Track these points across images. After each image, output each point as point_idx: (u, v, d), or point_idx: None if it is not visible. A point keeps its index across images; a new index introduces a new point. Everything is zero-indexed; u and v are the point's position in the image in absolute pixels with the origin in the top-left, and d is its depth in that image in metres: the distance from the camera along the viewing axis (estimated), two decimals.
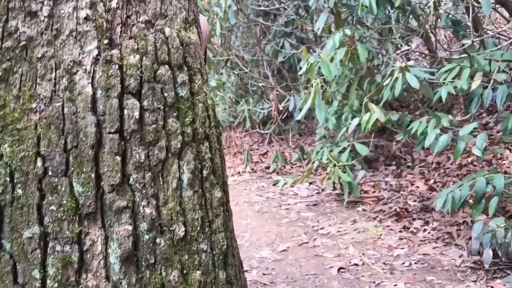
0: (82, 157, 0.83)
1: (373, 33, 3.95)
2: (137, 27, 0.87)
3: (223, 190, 1.06)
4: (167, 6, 0.93)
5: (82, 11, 0.83)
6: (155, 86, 0.89)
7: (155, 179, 0.89)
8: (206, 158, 0.99)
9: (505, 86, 2.80)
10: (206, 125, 0.99)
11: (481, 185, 2.58)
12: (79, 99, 0.83)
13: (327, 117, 4.10)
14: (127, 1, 0.87)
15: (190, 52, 0.96)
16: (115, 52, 0.85)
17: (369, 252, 2.88)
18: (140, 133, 0.87)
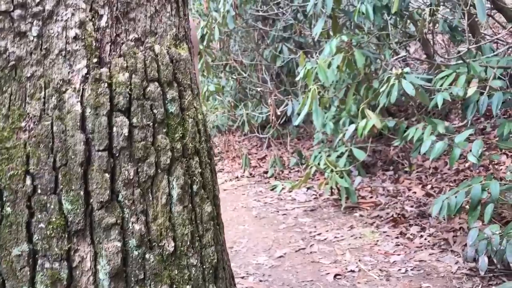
0: (71, 174, 0.84)
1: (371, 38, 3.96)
2: (127, 45, 0.88)
3: (214, 204, 1.07)
4: (157, 24, 0.94)
5: (71, 30, 0.84)
6: (144, 103, 0.90)
7: (144, 195, 0.90)
8: (196, 173, 0.99)
9: (501, 92, 2.81)
10: (196, 140, 1.00)
11: (476, 192, 2.59)
12: (68, 118, 0.84)
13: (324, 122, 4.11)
14: (116, 19, 0.88)
15: (180, 69, 0.97)
16: (104, 71, 0.86)
17: (366, 259, 2.88)
18: (129, 149, 0.88)
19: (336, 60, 3.47)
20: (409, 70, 2.94)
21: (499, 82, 2.86)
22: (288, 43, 5.56)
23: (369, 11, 3.29)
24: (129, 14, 0.90)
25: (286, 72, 5.80)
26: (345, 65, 3.52)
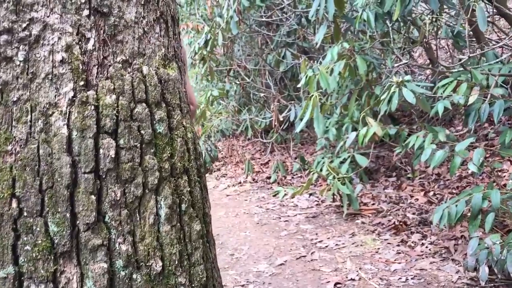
0: (57, 197, 0.84)
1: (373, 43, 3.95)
2: (114, 68, 0.89)
3: (204, 221, 1.07)
4: (145, 45, 0.95)
5: (58, 54, 0.85)
6: (131, 125, 0.90)
7: (131, 216, 0.91)
8: (185, 192, 1.00)
9: (502, 101, 2.80)
10: (185, 159, 1.01)
11: (477, 201, 2.58)
12: (54, 141, 0.84)
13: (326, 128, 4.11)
14: (103, 42, 0.88)
15: (169, 89, 0.98)
16: (91, 93, 0.87)
17: (366, 267, 2.88)
18: (116, 171, 0.89)
19: (337, 67, 3.47)
20: (410, 78, 2.94)
21: (500, 90, 2.85)
22: (291, 48, 5.56)
23: (371, 18, 3.29)
24: (116, 36, 0.91)
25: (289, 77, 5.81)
26: (347, 71, 3.52)
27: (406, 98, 2.83)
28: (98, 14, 0.88)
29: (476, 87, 2.90)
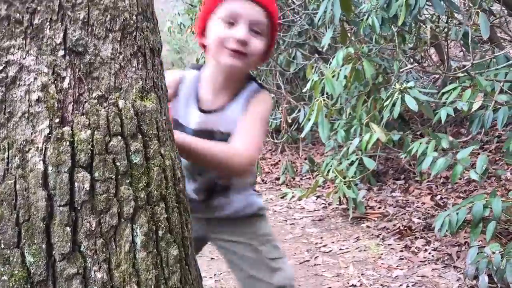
0: (34, 229, 0.89)
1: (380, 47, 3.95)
2: (90, 103, 0.93)
3: (183, 245, 1.11)
4: (121, 79, 0.99)
5: (34, 93, 0.89)
6: (106, 158, 0.94)
7: (107, 244, 0.95)
8: (161, 218, 1.04)
9: (506, 108, 2.78)
10: (162, 186, 1.04)
11: (478, 209, 2.58)
12: (30, 176, 0.89)
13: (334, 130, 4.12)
14: (79, 80, 0.93)
15: (146, 120, 1.02)
16: (66, 129, 0.91)
17: (368, 273, 2.90)
18: (91, 202, 0.93)
19: (343, 72, 3.48)
20: (413, 84, 2.94)
21: (505, 97, 2.84)
22: (302, 48, 5.56)
23: (375, 23, 3.29)
24: (92, 73, 0.95)
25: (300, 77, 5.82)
26: (353, 76, 3.53)
27: (408, 105, 2.83)
28: (73, 54, 0.93)
29: (480, 93, 2.88)
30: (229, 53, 1.36)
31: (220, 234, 1.65)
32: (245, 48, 1.35)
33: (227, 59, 1.37)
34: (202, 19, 1.46)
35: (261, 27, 1.39)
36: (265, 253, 1.57)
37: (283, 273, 1.56)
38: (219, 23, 1.38)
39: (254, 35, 1.37)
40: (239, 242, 1.61)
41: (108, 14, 0.97)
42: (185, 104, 1.48)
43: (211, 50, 1.42)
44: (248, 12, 1.36)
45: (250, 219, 1.62)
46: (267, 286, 1.54)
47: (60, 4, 0.91)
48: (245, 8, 1.36)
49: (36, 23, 0.90)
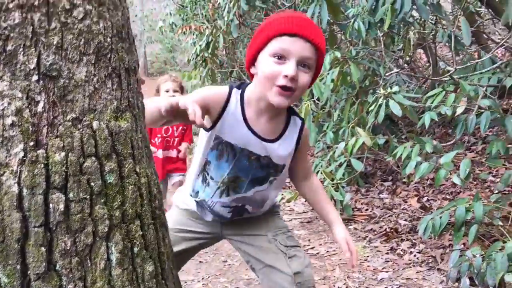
0: (8, 250, 0.92)
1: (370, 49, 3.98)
2: (64, 126, 0.96)
3: (159, 260, 1.14)
4: (96, 101, 1.01)
5: (8, 118, 0.92)
6: (80, 178, 0.97)
7: (82, 263, 0.97)
8: (137, 236, 1.06)
9: (488, 112, 2.83)
10: (137, 204, 1.07)
11: (460, 213, 2.63)
12: (5, 198, 0.91)
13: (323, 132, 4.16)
14: (53, 103, 0.95)
15: (120, 140, 1.04)
16: (40, 152, 0.93)
17: (354, 275, 2.94)
18: (66, 222, 0.95)
19: (330, 75, 3.51)
20: (397, 89, 2.97)
21: (487, 102, 2.88)
22: None
23: (361, 28, 3.32)
24: (66, 96, 0.97)
25: None
26: (340, 80, 3.56)
27: (392, 110, 2.87)
28: (47, 78, 0.95)
29: (463, 98, 2.93)
30: (278, 91, 1.40)
31: (236, 231, 1.71)
32: (294, 84, 1.39)
33: (275, 97, 1.41)
34: (252, 52, 1.49)
35: (310, 62, 1.42)
36: (281, 241, 1.63)
37: (299, 259, 1.61)
38: (270, 59, 1.42)
39: (302, 69, 1.41)
40: (255, 235, 1.68)
41: (82, 38, 1.00)
42: (233, 122, 1.51)
43: (261, 83, 1.46)
44: (297, 49, 1.39)
45: (265, 216, 1.71)
46: (284, 273, 1.58)
47: (34, 30, 0.93)
48: (295, 45, 1.39)
49: (10, 49, 0.92)
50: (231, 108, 1.51)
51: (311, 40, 1.40)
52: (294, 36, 1.39)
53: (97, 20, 1.02)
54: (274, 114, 1.53)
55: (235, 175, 1.56)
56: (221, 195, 1.59)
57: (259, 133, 1.53)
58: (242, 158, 1.54)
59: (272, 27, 1.43)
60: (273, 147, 1.55)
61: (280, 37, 1.40)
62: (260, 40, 1.45)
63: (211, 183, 1.59)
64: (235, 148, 1.52)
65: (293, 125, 1.59)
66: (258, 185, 1.59)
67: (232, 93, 1.53)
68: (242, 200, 1.61)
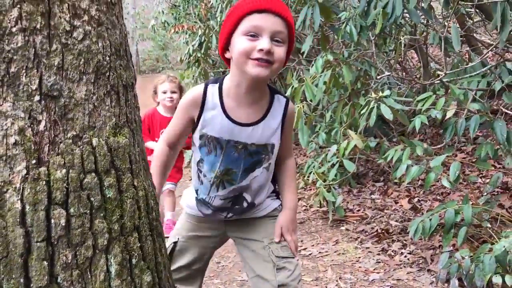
0: (12, 264, 0.95)
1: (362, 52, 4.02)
2: (65, 144, 0.99)
3: (156, 271, 1.17)
4: (95, 118, 1.04)
5: (11, 137, 0.95)
6: (81, 194, 1.00)
7: (83, 275, 1.01)
8: (135, 248, 1.10)
9: (477, 116, 2.88)
10: (135, 217, 1.11)
11: (450, 215, 2.68)
12: (8, 215, 0.95)
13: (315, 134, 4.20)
14: (54, 122, 0.98)
15: (119, 155, 1.08)
16: (42, 169, 0.97)
17: (346, 276, 2.98)
18: (67, 237, 0.99)
19: (322, 78, 3.55)
20: (388, 93, 3.02)
21: (477, 105, 2.93)
22: None
23: (353, 32, 3.36)
24: (67, 115, 1.00)
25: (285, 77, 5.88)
26: (332, 82, 3.60)
27: (383, 114, 2.91)
28: (48, 98, 0.98)
29: (453, 102, 2.98)
30: (255, 63, 1.44)
31: (236, 232, 1.76)
32: (270, 57, 1.44)
33: (253, 69, 1.45)
34: (224, 36, 1.53)
35: (282, 36, 1.48)
36: (273, 251, 1.65)
37: (287, 272, 1.63)
38: (243, 38, 1.46)
39: (276, 44, 1.46)
40: (251, 239, 1.71)
41: (82, 57, 1.03)
42: (213, 116, 1.57)
43: (237, 62, 1.50)
44: (269, 24, 1.45)
45: (264, 219, 1.73)
46: (269, 282, 1.61)
47: (35, 52, 0.97)
48: (266, 21, 1.45)
49: (13, 71, 0.96)
50: (208, 103, 1.56)
51: (281, 14, 1.46)
52: (264, 12, 1.45)
53: (96, 40, 1.06)
54: (256, 97, 1.57)
55: (226, 167, 1.60)
56: (217, 189, 1.64)
57: (240, 120, 1.56)
58: (230, 150, 1.58)
59: (241, 7, 1.48)
60: (257, 129, 1.58)
61: (250, 15, 1.46)
62: (231, 22, 1.50)
63: (204, 181, 1.65)
64: (220, 141, 1.57)
65: (277, 103, 1.62)
66: (252, 172, 1.63)
67: (207, 88, 1.58)
68: (240, 189, 1.65)
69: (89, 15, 1.04)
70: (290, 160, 1.76)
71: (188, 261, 1.75)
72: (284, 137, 1.67)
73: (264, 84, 1.58)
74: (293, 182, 1.76)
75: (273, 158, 1.66)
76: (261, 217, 1.73)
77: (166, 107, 3.73)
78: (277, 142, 1.64)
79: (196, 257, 1.76)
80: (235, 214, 1.71)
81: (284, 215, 1.68)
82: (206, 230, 1.77)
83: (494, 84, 3.05)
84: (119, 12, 1.16)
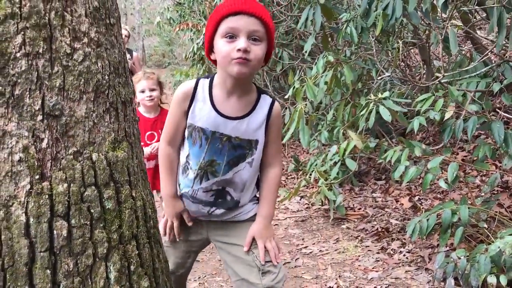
0: (17, 273, 1.02)
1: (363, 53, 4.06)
2: (66, 159, 1.05)
3: (154, 276, 1.24)
4: (95, 135, 1.11)
5: (16, 155, 1.02)
6: (82, 206, 1.07)
7: (83, 281, 1.08)
8: (133, 255, 1.17)
9: (475, 117, 2.92)
10: (133, 227, 1.17)
11: (447, 216, 2.73)
12: (14, 227, 1.02)
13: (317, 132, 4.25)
14: (56, 140, 1.05)
15: (118, 169, 1.14)
16: (45, 184, 1.03)
17: (345, 275, 3.05)
18: (69, 246, 1.06)
19: (323, 79, 3.60)
20: (388, 95, 3.06)
21: (475, 107, 2.97)
22: (288, 48, 5.66)
23: (353, 33, 3.40)
24: (68, 132, 1.07)
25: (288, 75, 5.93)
26: (334, 83, 3.64)
27: (382, 116, 2.96)
28: (51, 117, 1.05)
29: (452, 103, 3.02)
30: (235, 62, 1.54)
31: (218, 236, 1.81)
32: (248, 55, 1.53)
33: (234, 67, 1.54)
34: (207, 40, 1.64)
35: (259, 34, 1.56)
36: (257, 256, 1.71)
37: (272, 275, 1.69)
38: (222, 40, 1.55)
39: (254, 43, 1.55)
40: (234, 244, 1.76)
41: (82, 78, 1.10)
42: (202, 108, 1.65)
43: (220, 63, 1.60)
44: (244, 25, 1.53)
45: (246, 223, 1.78)
46: (255, 286, 1.67)
47: (38, 75, 1.03)
48: (241, 22, 1.53)
49: (17, 93, 1.02)
50: (198, 95, 1.66)
51: (255, 14, 1.54)
52: (238, 14, 1.53)
53: (95, 60, 1.12)
54: (243, 92, 1.65)
55: (210, 158, 1.67)
56: (201, 181, 1.70)
57: (227, 113, 1.65)
58: (215, 141, 1.65)
59: (219, 12, 1.57)
60: (242, 124, 1.66)
61: (226, 18, 1.54)
62: (211, 27, 1.60)
63: (190, 172, 1.70)
64: (206, 132, 1.65)
65: (262, 102, 1.69)
66: (235, 166, 1.69)
67: (199, 82, 1.68)
68: (223, 182, 1.71)
69: (89, 37, 1.10)
70: (274, 169, 1.78)
71: (173, 268, 1.79)
72: (269, 140, 1.72)
73: (248, 81, 1.66)
74: (271, 193, 1.78)
75: (257, 154, 1.71)
76: (242, 221, 1.78)
77: (147, 106, 3.32)
78: (261, 139, 1.70)
79: (180, 262, 1.82)
80: (218, 208, 1.74)
81: (257, 224, 1.74)
82: (187, 235, 1.81)
83: (493, 86, 3.08)
84: (117, 31, 1.22)
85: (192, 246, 1.85)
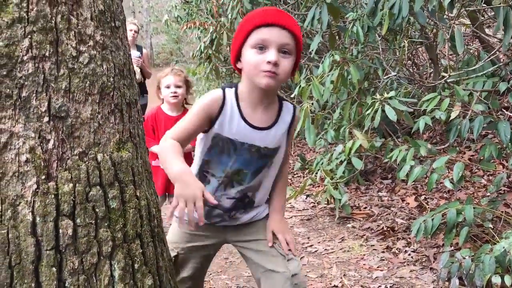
0: (24, 271, 1.04)
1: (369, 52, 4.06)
2: (72, 160, 1.08)
3: (158, 274, 1.27)
4: (100, 135, 1.13)
5: (23, 155, 1.04)
6: (87, 206, 1.09)
7: (88, 279, 1.10)
8: (137, 254, 1.19)
9: (481, 117, 2.92)
10: (137, 226, 1.20)
11: (452, 215, 2.73)
12: (21, 226, 1.04)
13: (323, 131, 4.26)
14: (62, 141, 1.07)
15: (122, 169, 1.16)
16: (51, 184, 1.06)
17: (350, 273, 3.06)
18: (74, 245, 1.08)
19: (330, 77, 3.60)
20: (393, 94, 3.07)
21: (481, 107, 2.97)
22: None
23: (360, 32, 3.41)
24: (74, 133, 1.09)
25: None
26: (340, 82, 3.65)
27: (388, 115, 2.97)
28: (57, 119, 1.07)
29: (458, 103, 3.02)
30: (264, 75, 1.54)
31: (238, 236, 1.83)
32: (277, 69, 1.53)
33: (262, 79, 1.54)
34: (235, 48, 1.63)
35: (289, 47, 1.56)
36: (278, 246, 1.74)
37: (295, 262, 1.73)
38: (252, 51, 1.56)
39: (283, 55, 1.54)
40: (255, 240, 1.79)
41: (88, 80, 1.12)
42: (231, 119, 1.65)
43: (248, 73, 1.60)
44: (275, 37, 1.53)
45: (264, 221, 1.82)
46: (283, 274, 1.69)
47: (45, 78, 1.06)
48: (272, 34, 1.53)
49: (24, 95, 1.05)
50: (227, 106, 1.65)
51: (287, 27, 1.54)
52: (271, 26, 1.53)
53: (100, 63, 1.14)
54: (268, 103, 1.66)
55: (238, 168, 1.68)
56: (225, 188, 1.71)
57: (256, 124, 1.65)
58: (243, 152, 1.66)
59: (250, 22, 1.57)
60: (270, 133, 1.67)
61: (258, 29, 1.54)
62: (241, 36, 1.59)
63: (212, 180, 1.71)
64: (235, 143, 1.65)
65: (285, 109, 1.71)
66: (260, 173, 1.72)
67: (226, 93, 1.66)
68: (247, 189, 1.74)
69: (94, 40, 1.13)
70: (285, 166, 1.83)
71: (191, 272, 1.81)
72: (287, 142, 1.76)
73: (273, 92, 1.67)
74: (283, 189, 1.84)
75: (277, 158, 1.74)
76: (257, 220, 1.81)
77: (170, 104, 3.22)
78: (284, 144, 1.73)
79: (198, 266, 1.84)
80: (238, 212, 1.77)
81: (273, 218, 1.77)
82: (204, 240, 1.83)
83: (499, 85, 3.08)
84: (123, 33, 1.24)
85: (209, 250, 1.87)
